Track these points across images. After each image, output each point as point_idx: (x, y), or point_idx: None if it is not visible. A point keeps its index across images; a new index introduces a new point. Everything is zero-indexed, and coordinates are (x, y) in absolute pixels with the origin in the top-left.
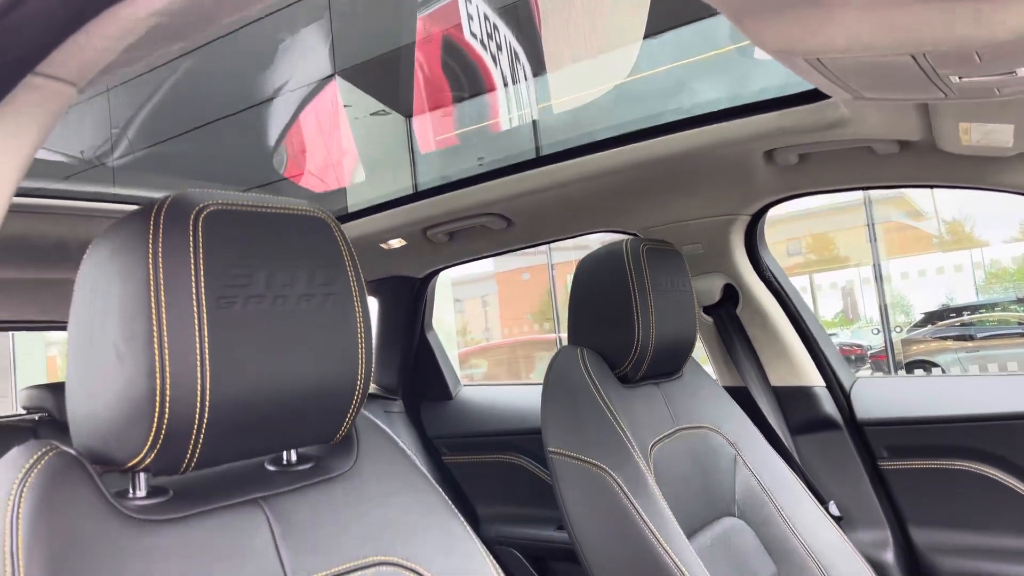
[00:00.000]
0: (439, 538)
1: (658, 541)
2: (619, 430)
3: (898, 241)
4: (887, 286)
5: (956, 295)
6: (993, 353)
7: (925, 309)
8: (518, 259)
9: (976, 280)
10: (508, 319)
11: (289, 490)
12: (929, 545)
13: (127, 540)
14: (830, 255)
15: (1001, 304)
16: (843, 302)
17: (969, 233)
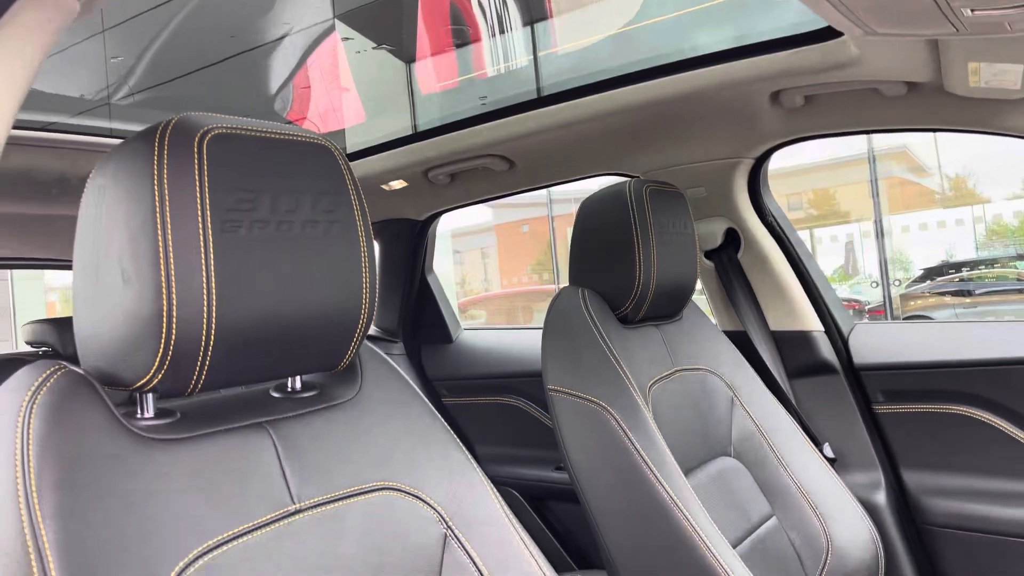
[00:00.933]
0: (441, 466)
1: (655, 476)
2: (618, 368)
3: (900, 197)
4: (887, 241)
5: (956, 251)
6: (991, 309)
7: (925, 265)
8: (517, 211)
9: (976, 236)
10: (507, 270)
11: (294, 415)
12: (920, 487)
13: (136, 457)
14: (831, 210)
15: (1000, 260)
16: (843, 258)
17: (971, 189)
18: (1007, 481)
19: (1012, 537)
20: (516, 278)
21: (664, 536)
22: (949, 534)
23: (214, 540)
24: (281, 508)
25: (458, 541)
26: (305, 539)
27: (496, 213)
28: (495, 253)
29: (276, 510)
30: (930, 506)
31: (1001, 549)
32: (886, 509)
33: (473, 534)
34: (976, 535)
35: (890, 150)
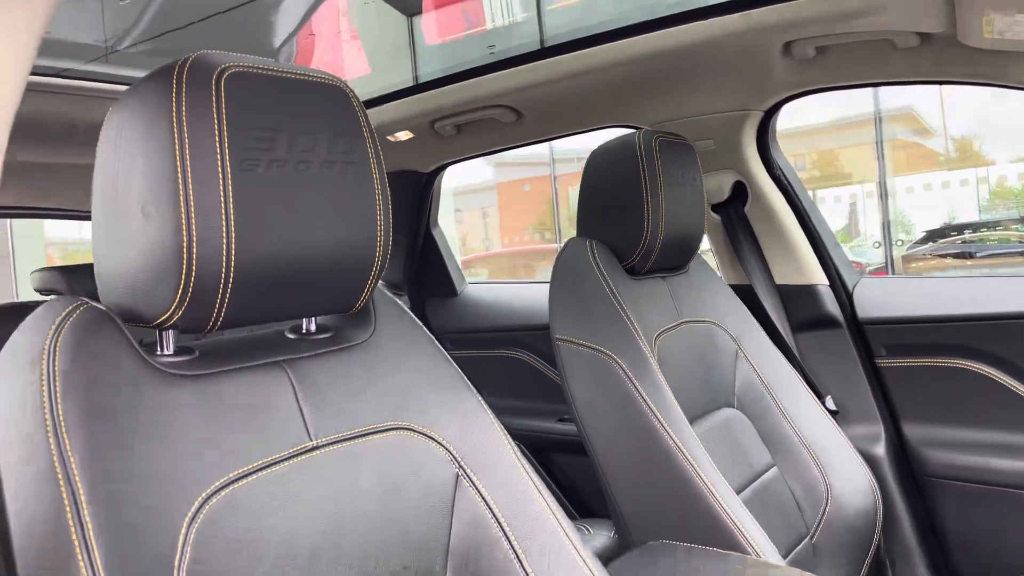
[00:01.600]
0: (454, 409)
1: (660, 424)
2: (625, 318)
3: (904, 158)
4: (890, 203)
5: (959, 213)
6: (992, 272)
7: (927, 228)
8: (519, 170)
9: (980, 198)
10: (508, 230)
11: (310, 355)
12: (920, 439)
13: (159, 392)
14: (834, 172)
15: (1003, 223)
16: (846, 219)
17: (977, 151)
18: (1006, 433)
19: (1008, 488)
20: (518, 236)
21: (669, 482)
22: (947, 484)
23: (235, 473)
24: (299, 444)
25: (470, 480)
26: (323, 474)
27: (497, 172)
28: (496, 212)
29: (294, 446)
30: (929, 457)
31: (997, 499)
32: (885, 460)
33: (484, 474)
34: (973, 485)
35: (896, 111)
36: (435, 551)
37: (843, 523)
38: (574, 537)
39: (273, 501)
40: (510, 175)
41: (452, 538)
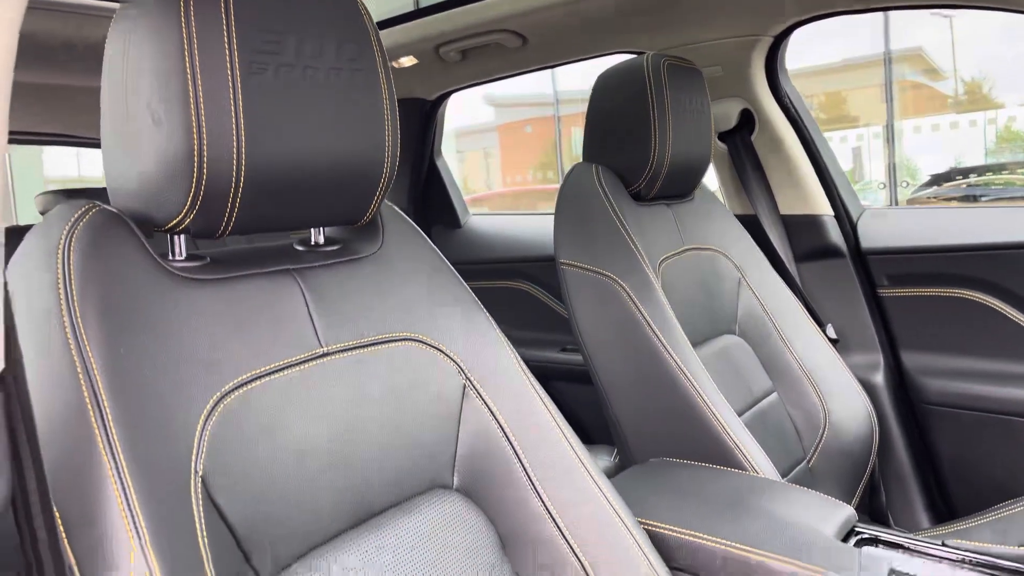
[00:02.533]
0: (462, 322)
1: (663, 347)
2: (630, 242)
3: (912, 100)
4: (897, 146)
5: (966, 157)
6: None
7: (933, 172)
8: (522, 111)
9: (987, 142)
10: (510, 171)
11: (319, 265)
12: (918, 368)
13: (172, 293)
14: (841, 114)
15: (1009, 166)
16: (851, 162)
17: (986, 94)
18: (1003, 362)
19: (1002, 415)
20: (520, 176)
21: (671, 403)
22: (943, 412)
23: (248, 375)
24: (309, 350)
25: (477, 392)
26: (333, 380)
27: (499, 113)
28: (497, 153)
29: (305, 352)
30: (926, 385)
31: (991, 426)
32: (884, 388)
33: (491, 386)
34: (968, 413)
35: (905, 52)
36: (443, 458)
37: (840, 448)
38: (579, 449)
39: (285, 404)
40: (512, 116)
41: (459, 446)
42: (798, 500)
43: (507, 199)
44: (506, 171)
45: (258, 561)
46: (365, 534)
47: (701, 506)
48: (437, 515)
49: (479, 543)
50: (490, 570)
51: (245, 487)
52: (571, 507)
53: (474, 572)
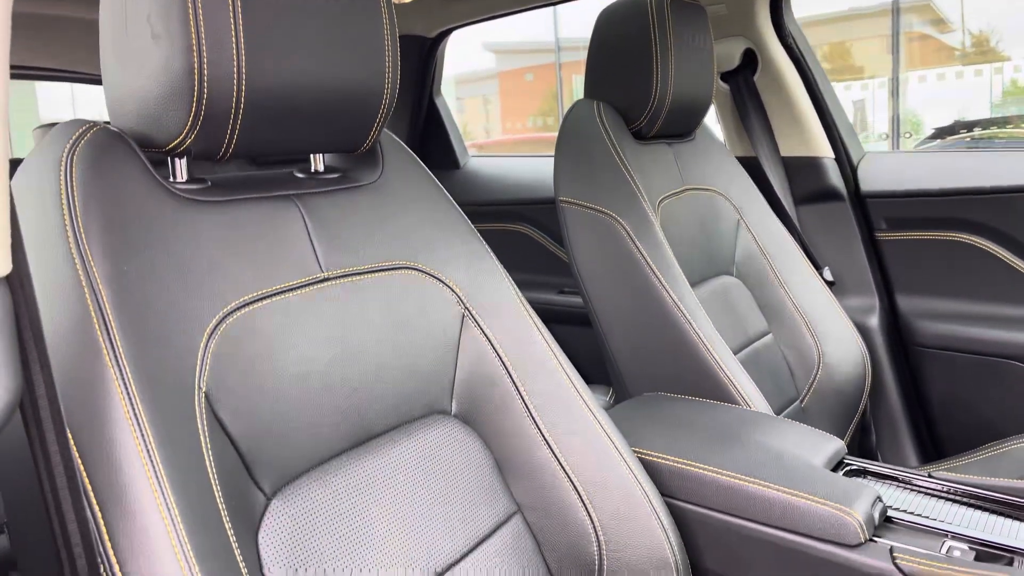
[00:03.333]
0: (461, 253)
1: (660, 283)
2: (630, 181)
3: (919, 51)
4: (902, 98)
5: (970, 111)
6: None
7: (937, 125)
8: (522, 58)
9: (992, 96)
10: (510, 118)
11: (320, 192)
12: (912, 311)
13: (174, 213)
14: (846, 65)
15: (1013, 120)
16: (854, 115)
17: (993, 47)
18: (996, 305)
19: (993, 357)
20: (520, 123)
21: (667, 338)
22: (935, 354)
23: (250, 295)
24: (310, 275)
25: (475, 321)
26: (333, 305)
27: (500, 60)
28: (497, 101)
29: (306, 276)
30: (920, 328)
31: (982, 368)
32: (878, 331)
33: (489, 316)
34: (960, 355)
35: (912, 1)
36: (441, 385)
37: (832, 389)
38: (575, 378)
39: (287, 325)
40: (513, 63)
41: (457, 373)
42: (789, 432)
43: (506, 147)
44: (506, 119)
45: (260, 476)
46: (365, 455)
47: (693, 436)
48: (435, 439)
49: (476, 466)
50: (487, 492)
51: (247, 405)
52: (567, 434)
53: (471, 494)
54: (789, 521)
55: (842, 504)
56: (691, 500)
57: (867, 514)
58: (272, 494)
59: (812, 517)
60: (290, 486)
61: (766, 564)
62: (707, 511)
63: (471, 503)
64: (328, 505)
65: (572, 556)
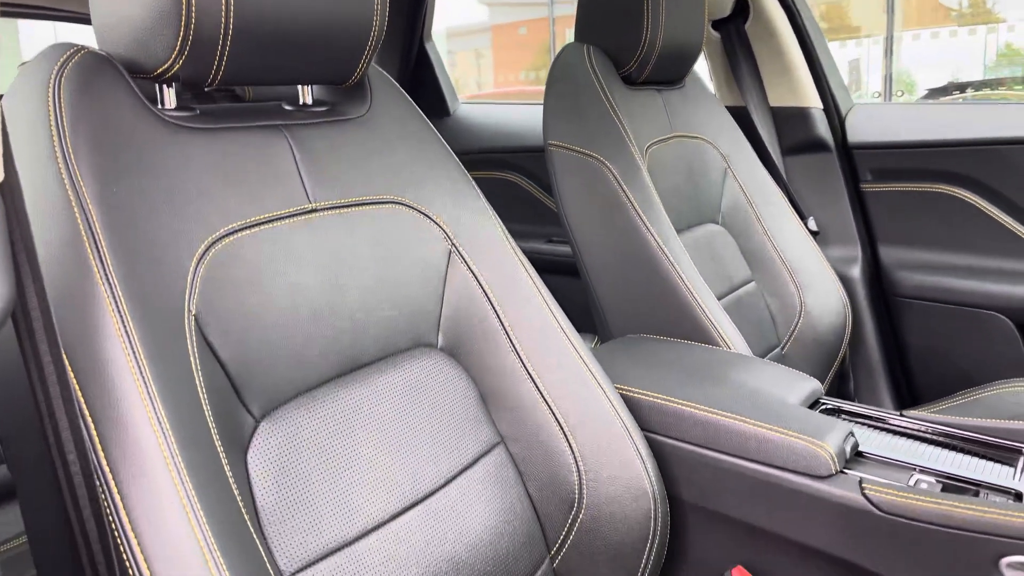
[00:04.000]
0: (447, 189)
1: (646, 227)
2: (619, 125)
3: (915, 11)
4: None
5: (963, 72)
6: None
7: (930, 86)
8: (516, 11)
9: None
10: (502, 72)
11: (308, 124)
12: (894, 262)
13: (162, 138)
14: (843, 24)
15: (1007, 82)
16: (849, 74)
17: (988, 8)
18: (976, 257)
19: (971, 307)
20: (512, 75)
21: (651, 282)
22: (914, 304)
23: (239, 223)
24: (298, 205)
25: (461, 258)
26: (321, 236)
27: (493, 13)
28: (489, 54)
29: (294, 206)
30: (901, 279)
31: (960, 318)
32: (860, 281)
33: (476, 253)
34: (939, 305)
35: None
36: (428, 318)
37: (813, 337)
38: (558, 315)
39: (275, 254)
40: (506, 16)
41: (444, 308)
42: (767, 372)
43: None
44: (498, 72)
45: (249, 398)
46: (351, 384)
47: (673, 374)
48: (421, 371)
49: (461, 398)
50: (471, 423)
51: (236, 330)
52: (550, 369)
53: (455, 424)
54: (763, 454)
55: (815, 438)
56: (669, 434)
57: (839, 448)
58: (260, 417)
59: (785, 450)
60: (278, 410)
61: (740, 495)
62: (684, 444)
63: (455, 433)
64: (315, 429)
65: (553, 486)
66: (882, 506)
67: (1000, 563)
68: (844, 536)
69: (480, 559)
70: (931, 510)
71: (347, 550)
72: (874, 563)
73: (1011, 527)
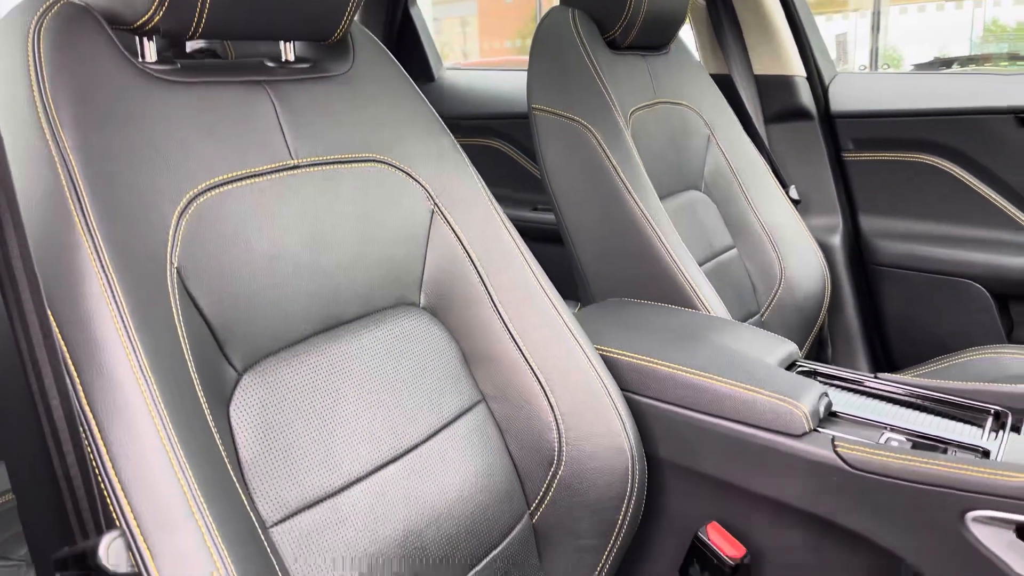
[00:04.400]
0: (430, 148)
1: (629, 192)
2: (603, 90)
3: None
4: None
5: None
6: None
7: (916, 61)
8: None
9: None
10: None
11: (290, 79)
12: (874, 230)
13: (142, 90)
14: None
15: (993, 58)
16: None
17: None
18: (955, 226)
19: (947, 275)
20: (499, 43)
21: (633, 246)
22: (893, 272)
23: (221, 177)
24: (280, 161)
25: (444, 218)
26: (304, 193)
27: None
28: (475, 22)
29: (276, 162)
30: (880, 247)
31: (936, 286)
32: (839, 250)
33: (458, 212)
34: (916, 274)
35: None
36: (410, 277)
37: (793, 304)
38: (540, 276)
39: (257, 209)
40: None
41: (426, 267)
42: (745, 335)
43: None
44: (484, 40)
45: (231, 351)
46: (333, 340)
47: (653, 336)
48: (403, 329)
49: (443, 356)
50: (453, 381)
51: (218, 283)
52: (531, 329)
53: (437, 382)
54: (739, 413)
55: (790, 397)
56: (648, 394)
57: (813, 407)
58: (243, 370)
59: (761, 409)
60: (260, 363)
61: (716, 453)
62: (663, 404)
63: (437, 390)
64: (297, 383)
65: (533, 443)
66: (853, 463)
67: (966, 517)
68: (816, 492)
69: (461, 513)
70: (901, 466)
71: (329, 502)
72: (845, 518)
73: (977, 482)
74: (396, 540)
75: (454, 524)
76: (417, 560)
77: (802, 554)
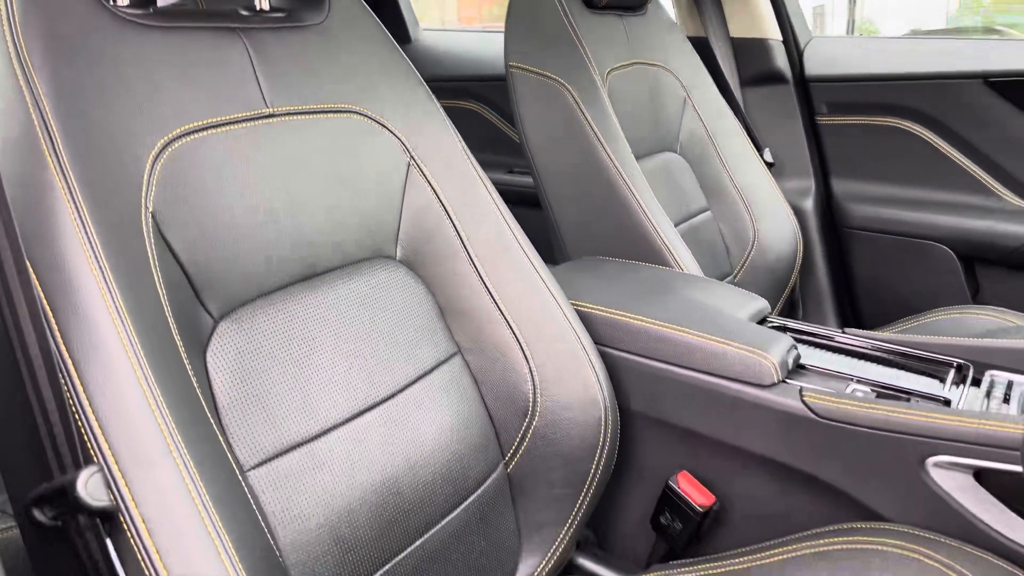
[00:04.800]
0: (407, 101)
1: (604, 150)
2: (580, 49)
3: None
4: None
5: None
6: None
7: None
8: None
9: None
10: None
11: (265, 28)
12: (845, 194)
13: (117, 34)
14: None
15: (969, 32)
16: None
17: None
18: (924, 190)
19: (916, 238)
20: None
21: (608, 204)
22: (863, 235)
23: (195, 124)
24: (255, 109)
25: (420, 171)
26: (279, 142)
27: None
28: None
29: (251, 110)
30: (851, 210)
31: (905, 249)
32: (812, 213)
33: (434, 166)
34: (885, 236)
35: None
36: (386, 230)
37: (765, 265)
38: (516, 230)
39: (232, 157)
40: None
41: (402, 221)
42: (717, 291)
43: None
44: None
45: (208, 298)
46: (310, 290)
47: (626, 291)
48: (380, 281)
49: (419, 308)
50: (429, 333)
51: (194, 229)
52: (507, 283)
53: (413, 333)
54: (709, 364)
55: (759, 349)
56: (621, 347)
57: (781, 359)
58: (219, 317)
59: (731, 360)
60: (237, 311)
61: (687, 404)
62: (635, 357)
63: (413, 341)
64: (274, 331)
65: (508, 395)
66: (820, 412)
67: (926, 462)
68: (784, 441)
69: (436, 461)
70: (865, 414)
71: (306, 447)
72: (811, 466)
73: (938, 428)
74: (372, 486)
75: (430, 472)
76: (393, 506)
77: (769, 501)
